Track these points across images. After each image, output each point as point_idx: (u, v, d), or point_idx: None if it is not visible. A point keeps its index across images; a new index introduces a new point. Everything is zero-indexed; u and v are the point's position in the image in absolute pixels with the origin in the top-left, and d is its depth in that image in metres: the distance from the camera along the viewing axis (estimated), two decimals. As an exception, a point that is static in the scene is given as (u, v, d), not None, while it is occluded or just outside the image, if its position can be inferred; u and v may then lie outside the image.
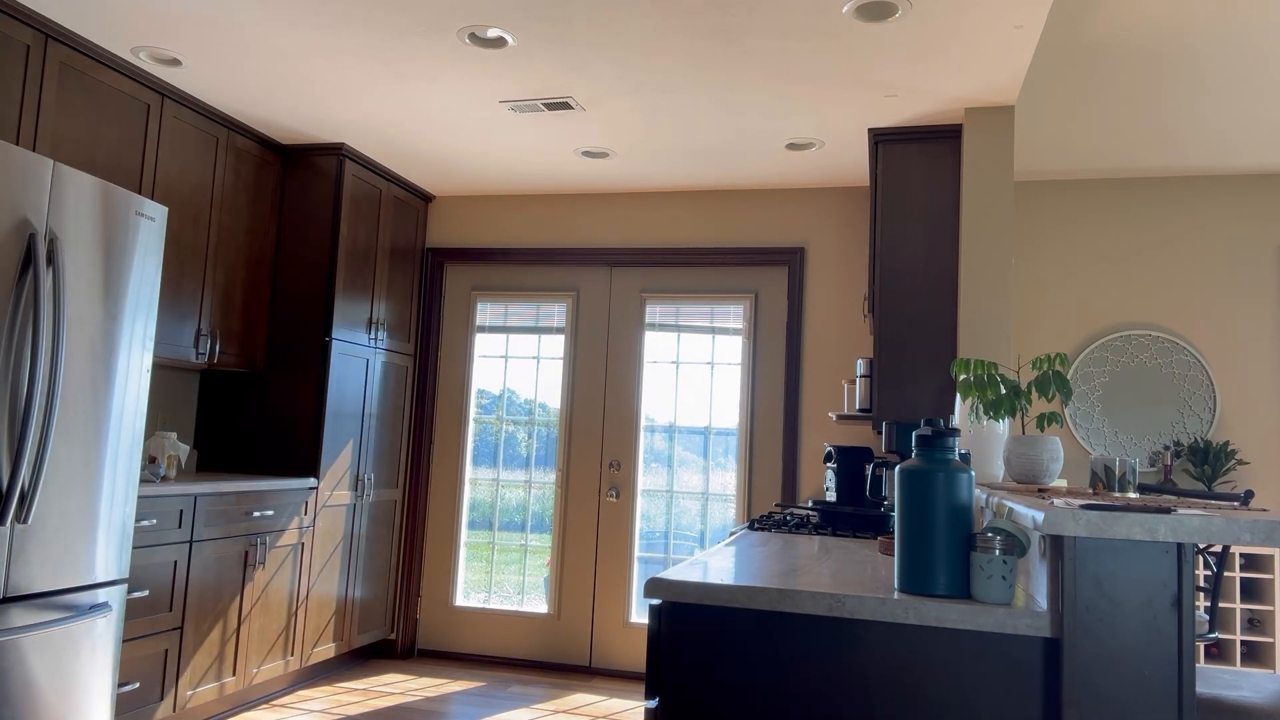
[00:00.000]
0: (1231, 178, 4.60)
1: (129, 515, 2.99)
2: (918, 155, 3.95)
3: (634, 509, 5.00)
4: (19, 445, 2.55)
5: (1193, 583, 1.39)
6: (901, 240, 3.93)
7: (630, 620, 4.94)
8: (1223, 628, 4.12)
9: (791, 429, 4.76)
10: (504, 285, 5.34)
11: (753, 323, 4.95)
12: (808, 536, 2.64)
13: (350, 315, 4.63)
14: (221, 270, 4.18)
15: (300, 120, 4.24)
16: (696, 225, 5.02)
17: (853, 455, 3.59)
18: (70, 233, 2.74)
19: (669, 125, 4.09)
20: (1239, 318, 4.52)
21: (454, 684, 4.62)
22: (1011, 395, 2.20)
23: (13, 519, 2.55)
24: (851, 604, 1.55)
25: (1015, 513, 1.68)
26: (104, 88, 3.56)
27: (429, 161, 4.76)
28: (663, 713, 1.62)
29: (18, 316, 2.57)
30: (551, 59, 3.45)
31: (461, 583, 5.21)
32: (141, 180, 3.74)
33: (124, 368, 2.95)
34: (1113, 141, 4.24)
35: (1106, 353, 4.62)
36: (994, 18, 3.00)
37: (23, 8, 3.18)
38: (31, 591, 2.63)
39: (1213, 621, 2.60)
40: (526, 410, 5.24)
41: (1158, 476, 4.47)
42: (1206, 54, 3.39)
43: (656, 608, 1.66)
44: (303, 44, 3.43)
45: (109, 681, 2.90)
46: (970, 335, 3.69)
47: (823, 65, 3.41)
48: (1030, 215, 4.80)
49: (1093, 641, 1.41)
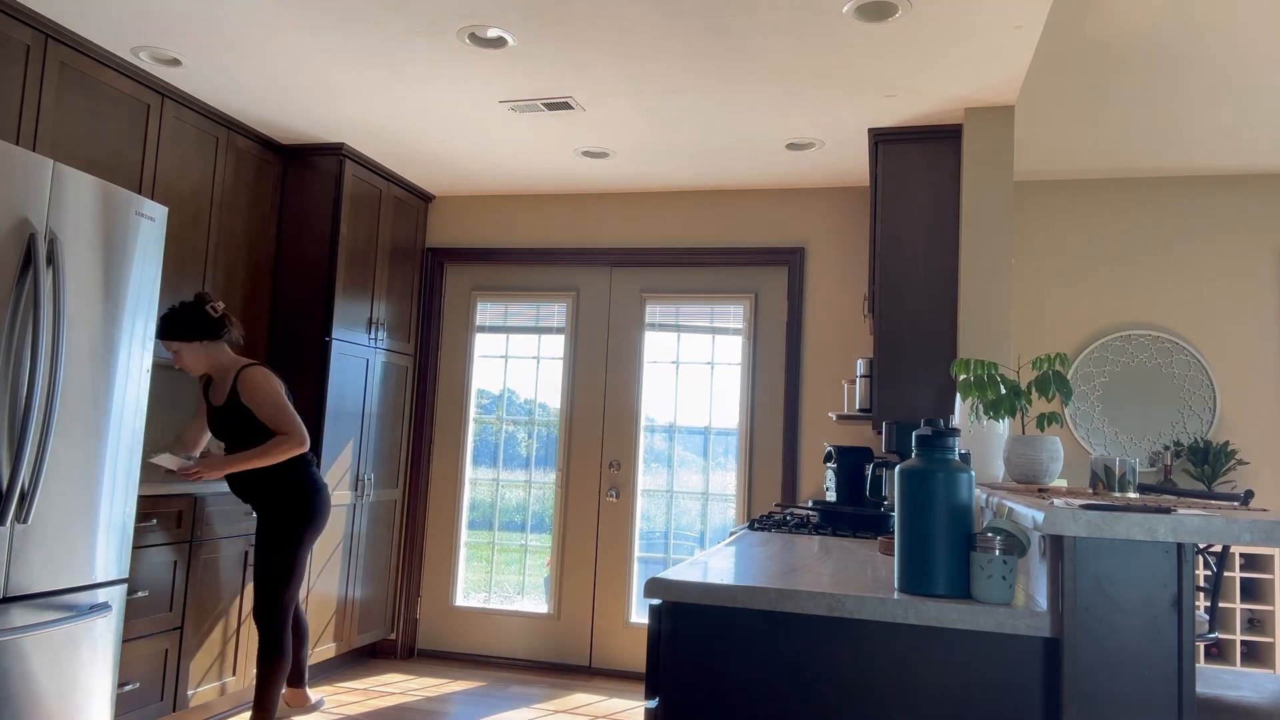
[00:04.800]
0: (1231, 178, 4.60)
1: (129, 515, 2.99)
2: (918, 155, 3.95)
3: (634, 509, 5.00)
4: (19, 445, 2.55)
5: (1193, 583, 1.39)
6: (901, 240, 3.93)
7: (630, 620, 4.94)
8: (1223, 628, 4.12)
9: (791, 429, 4.76)
10: (504, 285, 5.34)
11: (753, 323, 4.95)
12: (808, 536, 2.64)
13: (350, 315, 4.63)
14: (221, 270, 4.18)
15: (300, 120, 4.24)
16: (696, 225, 5.02)
17: (853, 455, 3.59)
18: (70, 233, 2.74)
19: (669, 125, 4.09)
20: (1239, 318, 4.52)
21: (454, 684, 4.62)
22: (1011, 395, 2.20)
23: (13, 519, 2.55)
24: (851, 604, 1.55)
25: (1015, 513, 1.68)
26: (104, 88, 3.56)
27: (429, 161, 4.76)
28: (663, 713, 1.62)
29: (18, 316, 2.57)
30: (551, 59, 3.45)
31: (461, 583, 5.21)
32: (141, 180, 3.74)
33: (124, 368, 2.95)
34: (1113, 141, 4.24)
35: (1106, 353, 4.62)
36: (994, 18, 3.00)
37: (23, 8, 3.18)
38: (31, 591, 2.63)
39: (1213, 621, 2.60)
40: (526, 410, 5.24)
41: (1158, 476, 4.47)
42: (1207, 54, 3.39)
43: (656, 608, 1.66)
44: (303, 44, 3.43)
45: (109, 681, 2.90)
46: (970, 335, 3.69)
47: (823, 65, 3.41)
48: (1031, 215, 4.80)
49: (1093, 641, 1.41)
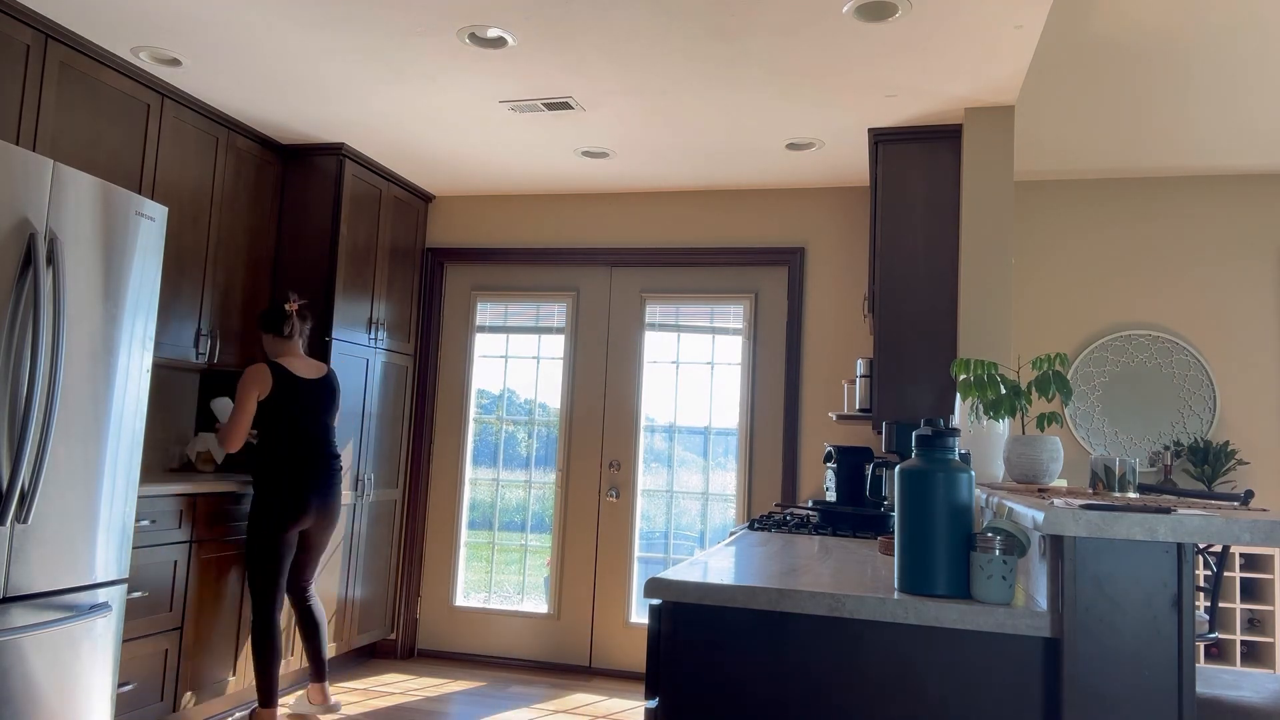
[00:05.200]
0: (1231, 178, 4.60)
1: (129, 515, 2.99)
2: (918, 155, 3.95)
3: (634, 509, 5.00)
4: (19, 445, 2.55)
5: (1193, 583, 1.39)
6: (901, 240, 3.93)
7: (630, 620, 4.94)
8: (1223, 628, 4.12)
9: (791, 429, 4.76)
10: (504, 285, 5.34)
11: (753, 323, 4.95)
12: (808, 536, 2.64)
13: (350, 315, 4.63)
14: (221, 270, 4.18)
15: (300, 120, 4.24)
16: (696, 225, 5.02)
17: (853, 455, 3.59)
18: (70, 233, 2.74)
19: (669, 125, 4.09)
20: (1239, 318, 4.52)
21: (454, 684, 4.62)
22: (1011, 395, 2.20)
23: (13, 519, 2.55)
24: (851, 604, 1.55)
25: (1015, 513, 1.68)
26: (104, 88, 3.56)
27: (429, 161, 4.76)
28: (663, 713, 1.62)
29: (18, 316, 2.57)
30: (551, 59, 3.45)
31: (461, 583, 5.21)
32: (141, 180, 3.74)
33: (124, 368, 2.95)
34: (1113, 141, 4.24)
35: (1106, 353, 4.62)
36: (994, 18, 3.00)
37: (23, 8, 3.18)
38: (31, 591, 2.63)
39: (1213, 621, 2.60)
40: (526, 410, 5.24)
41: (1158, 476, 4.47)
42: (1207, 54, 3.39)
43: (656, 608, 1.66)
44: (303, 44, 3.43)
45: (109, 681, 2.90)
46: (970, 335, 3.69)
47: (823, 65, 3.41)
48: (1030, 215, 4.80)
49: (1093, 641, 1.41)
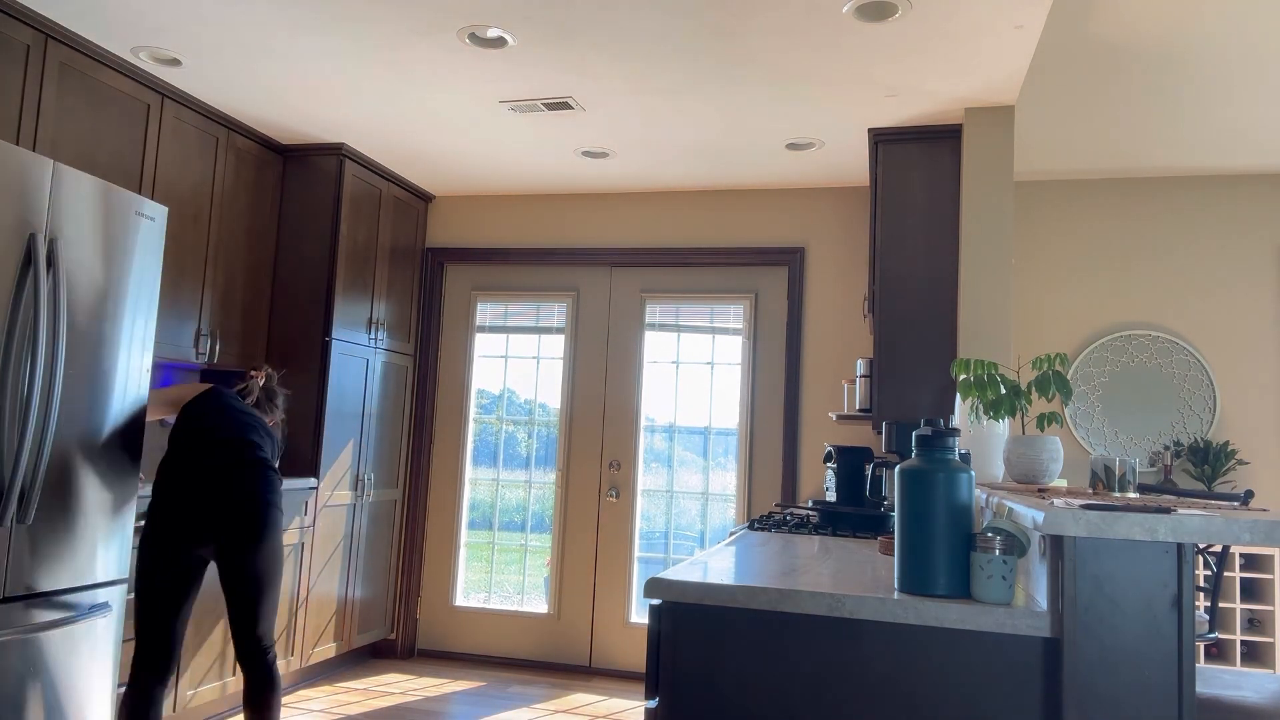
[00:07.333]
0: (1231, 178, 4.60)
1: (129, 515, 2.99)
2: (918, 155, 3.95)
3: (634, 509, 5.00)
4: (19, 445, 2.55)
5: (1193, 583, 1.39)
6: (901, 240, 3.93)
7: (630, 620, 4.94)
8: (1223, 628, 4.12)
9: (791, 429, 4.76)
10: (504, 285, 5.34)
11: (752, 323, 4.95)
12: (808, 536, 2.64)
13: (350, 315, 4.63)
14: (221, 270, 4.18)
15: (300, 120, 4.24)
16: (696, 225, 5.02)
17: (853, 455, 3.59)
18: (70, 233, 2.74)
19: (669, 125, 4.09)
20: (1239, 318, 4.52)
21: (454, 684, 4.62)
22: (1011, 395, 2.20)
23: (13, 519, 2.55)
24: (851, 604, 1.55)
25: (1015, 513, 1.68)
26: (104, 88, 3.56)
27: (429, 161, 4.76)
28: (663, 713, 1.62)
29: (18, 316, 2.57)
30: (551, 59, 3.45)
31: (461, 583, 5.21)
32: (141, 180, 3.74)
33: (124, 368, 2.95)
34: (1113, 142, 4.24)
35: (1106, 353, 4.62)
36: (994, 18, 3.00)
37: (23, 8, 3.18)
38: (31, 591, 2.63)
39: (1213, 621, 2.60)
40: (526, 410, 5.24)
41: (1158, 476, 4.47)
42: (1207, 54, 3.39)
43: (657, 608, 1.66)
44: (303, 44, 3.43)
45: (109, 681, 2.90)
46: (970, 335, 3.69)
47: (823, 65, 3.41)
48: (1030, 215, 4.80)
49: (1093, 641, 1.41)
